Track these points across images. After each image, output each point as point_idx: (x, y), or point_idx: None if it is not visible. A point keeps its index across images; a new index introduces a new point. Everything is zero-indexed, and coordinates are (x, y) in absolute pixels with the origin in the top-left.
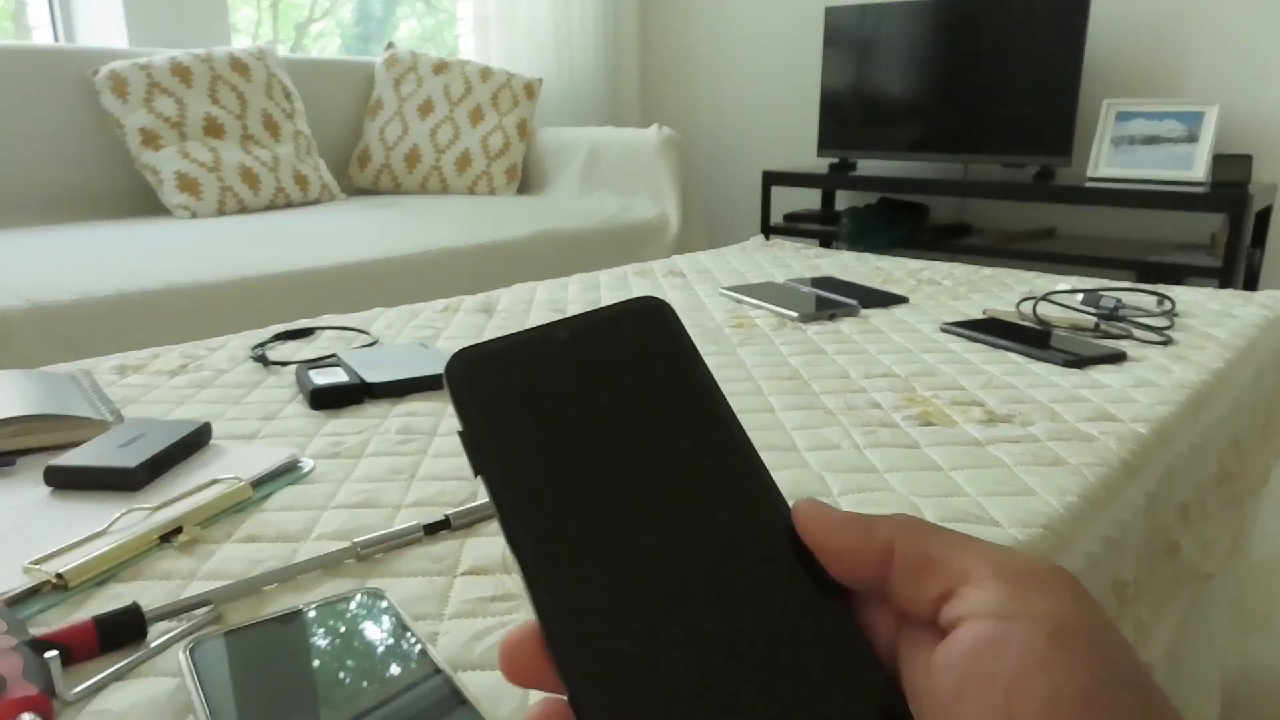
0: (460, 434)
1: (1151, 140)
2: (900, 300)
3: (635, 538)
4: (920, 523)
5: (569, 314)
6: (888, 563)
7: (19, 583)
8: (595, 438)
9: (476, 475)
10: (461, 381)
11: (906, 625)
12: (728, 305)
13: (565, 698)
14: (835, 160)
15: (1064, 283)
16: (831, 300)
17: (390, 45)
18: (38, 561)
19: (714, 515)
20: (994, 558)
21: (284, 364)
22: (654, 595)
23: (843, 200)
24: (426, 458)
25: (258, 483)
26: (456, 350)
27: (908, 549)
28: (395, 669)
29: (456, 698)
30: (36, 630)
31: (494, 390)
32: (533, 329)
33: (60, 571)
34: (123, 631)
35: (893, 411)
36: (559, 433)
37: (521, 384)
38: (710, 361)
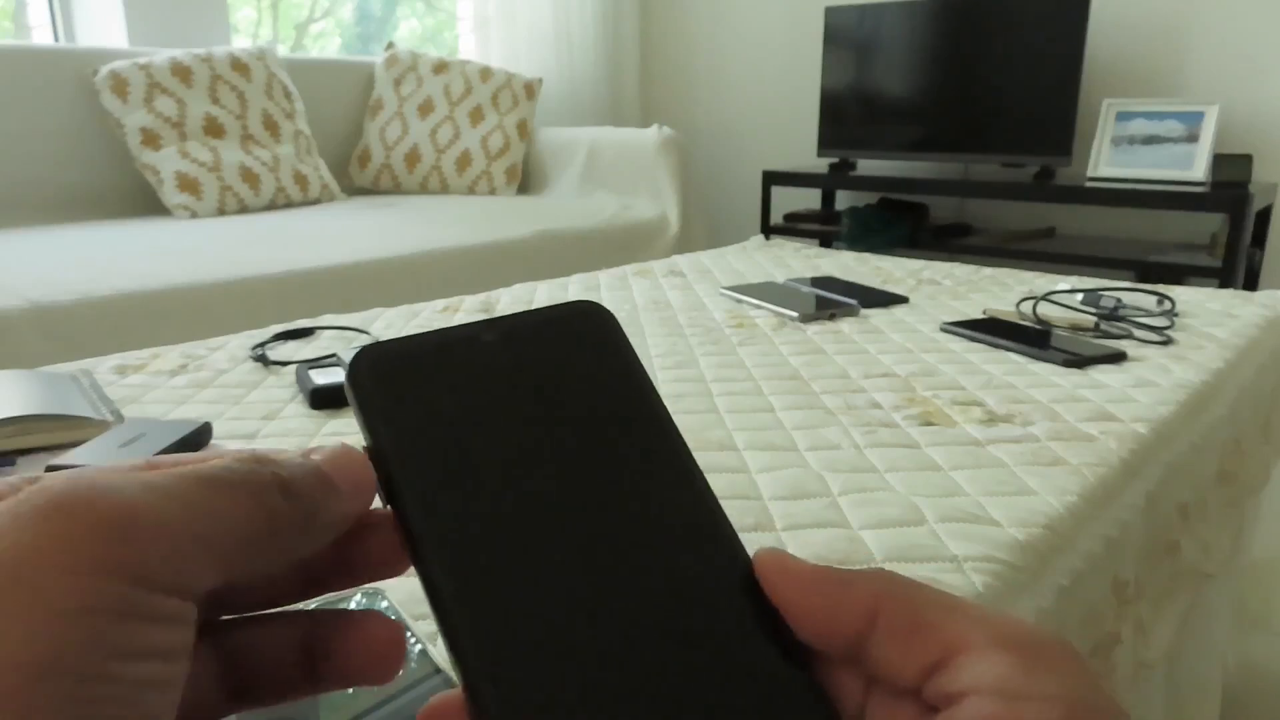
0: (366, 449)
1: (1151, 140)
2: (900, 300)
3: (571, 579)
4: (905, 580)
5: None
6: (867, 625)
7: None
8: (526, 457)
9: (386, 503)
10: (370, 385)
11: (877, 692)
12: (728, 305)
13: None
14: (835, 160)
15: (1064, 283)
16: (831, 300)
17: (390, 45)
18: None
19: (658, 549)
20: (993, 625)
21: (284, 364)
22: (591, 645)
23: (843, 200)
24: None
25: None
26: (362, 345)
27: (894, 611)
28: None
29: None
30: None
31: (408, 398)
32: (456, 327)
33: None
34: None
35: (893, 411)
36: (484, 451)
37: (441, 391)
38: (710, 361)
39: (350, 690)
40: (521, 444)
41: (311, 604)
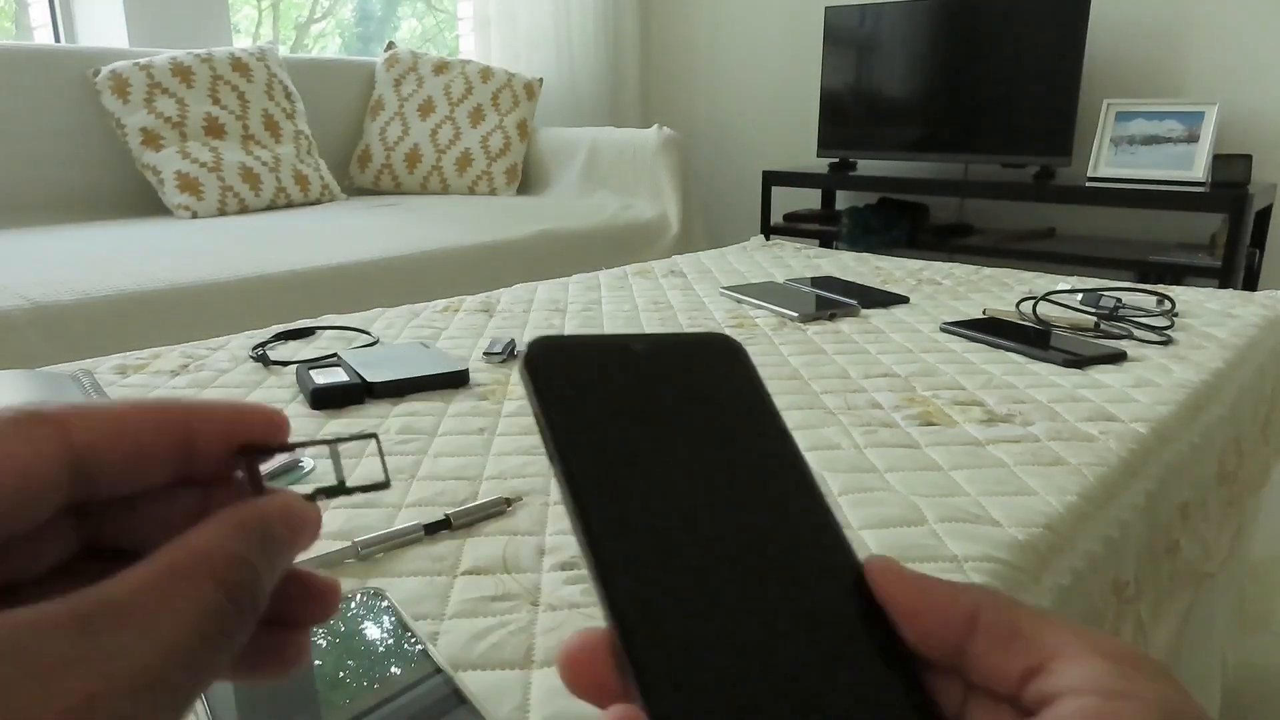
0: (536, 417)
1: (1151, 140)
2: (900, 300)
3: (709, 555)
4: (1004, 595)
5: (569, 314)
6: (969, 628)
7: None
8: (671, 450)
9: (552, 461)
10: (541, 368)
11: (976, 699)
12: (728, 305)
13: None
14: (835, 160)
15: (1064, 283)
16: (831, 300)
17: (391, 45)
18: None
19: (783, 549)
20: (1088, 636)
21: (285, 364)
22: (726, 616)
23: (843, 200)
24: (427, 458)
25: None
26: (537, 337)
27: (995, 617)
28: (395, 669)
29: (457, 697)
30: None
31: (572, 382)
32: (609, 335)
33: None
34: None
35: (893, 411)
36: (636, 438)
37: (600, 382)
38: None
39: (350, 689)
40: (669, 438)
41: None
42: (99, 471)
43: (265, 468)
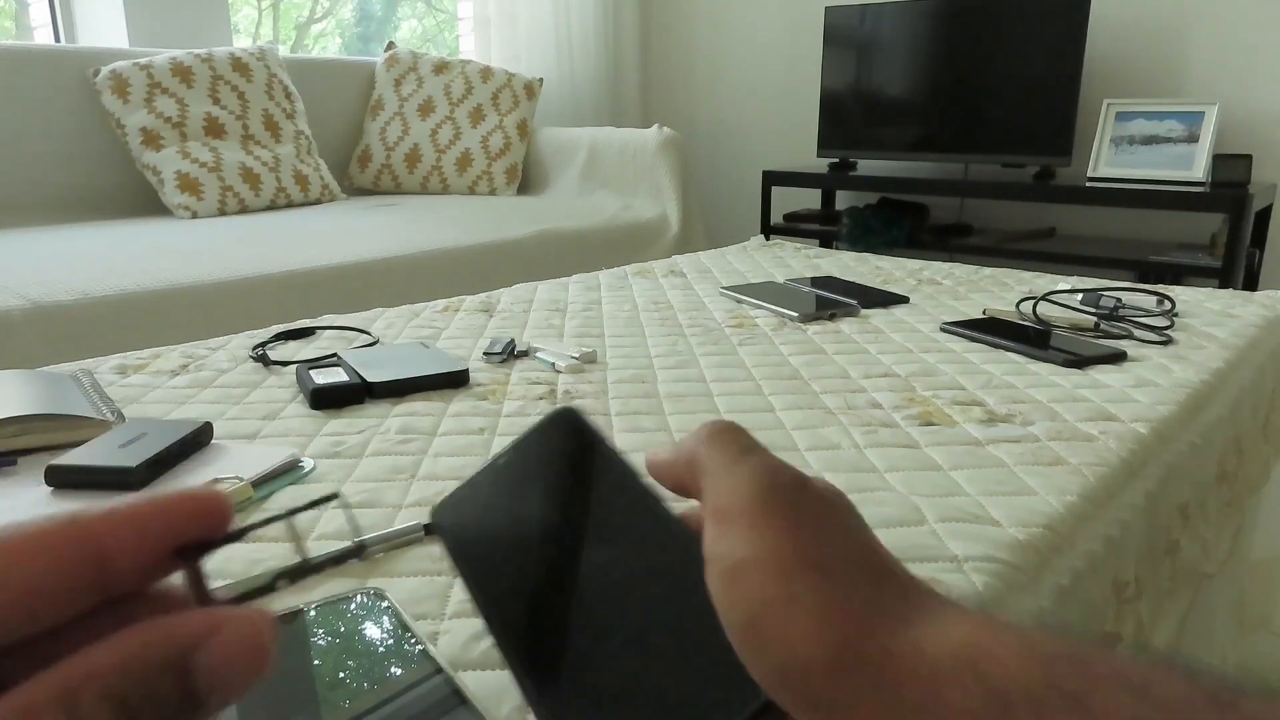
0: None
1: (1151, 140)
2: (900, 300)
3: (551, 579)
4: (706, 438)
5: (569, 314)
6: (692, 475)
7: None
8: (530, 519)
9: (459, 580)
10: (443, 520)
11: None
12: (728, 305)
13: None
14: (835, 160)
15: (1064, 283)
16: (831, 300)
17: (391, 45)
18: None
19: (626, 558)
20: (712, 494)
21: (284, 364)
22: (571, 621)
23: (843, 200)
24: (426, 457)
25: (258, 482)
26: (439, 501)
27: (696, 475)
28: (395, 669)
29: (457, 697)
30: None
31: (464, 518)
32: (484, 464)
33: None
34: None
35: (893, 411)
36: (509, 529)
37: (480, 505)
38: (710, 361)
39: (350, 689)
40: (530, 515)
41: (314, 603)
42: None
43: (263, 468)
